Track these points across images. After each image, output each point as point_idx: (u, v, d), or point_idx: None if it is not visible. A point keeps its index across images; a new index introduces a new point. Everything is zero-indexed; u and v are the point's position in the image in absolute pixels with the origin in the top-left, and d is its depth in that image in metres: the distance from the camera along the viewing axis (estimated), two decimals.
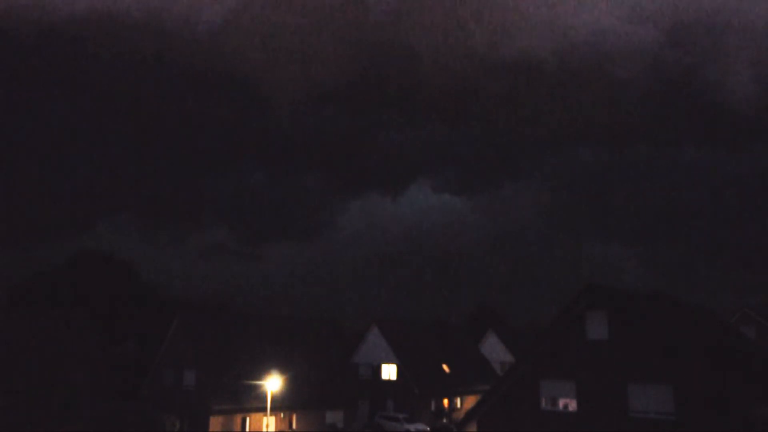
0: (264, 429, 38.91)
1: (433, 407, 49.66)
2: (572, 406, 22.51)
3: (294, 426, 41.45)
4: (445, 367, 53.02)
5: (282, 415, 40.64)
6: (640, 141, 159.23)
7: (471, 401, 49.50)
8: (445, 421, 48.70)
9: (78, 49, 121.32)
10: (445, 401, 51.04)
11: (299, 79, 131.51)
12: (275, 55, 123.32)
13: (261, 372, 38.77)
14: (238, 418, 38.50)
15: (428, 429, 44.93)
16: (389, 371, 51.07)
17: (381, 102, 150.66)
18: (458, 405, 51.73)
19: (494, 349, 66.28)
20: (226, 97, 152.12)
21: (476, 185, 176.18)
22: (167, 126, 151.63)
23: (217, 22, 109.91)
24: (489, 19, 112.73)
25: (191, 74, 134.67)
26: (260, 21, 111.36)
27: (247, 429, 38.90)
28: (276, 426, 40.13)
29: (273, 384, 36.34)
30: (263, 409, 37.47)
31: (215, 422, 37.27)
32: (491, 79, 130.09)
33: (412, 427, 44.23)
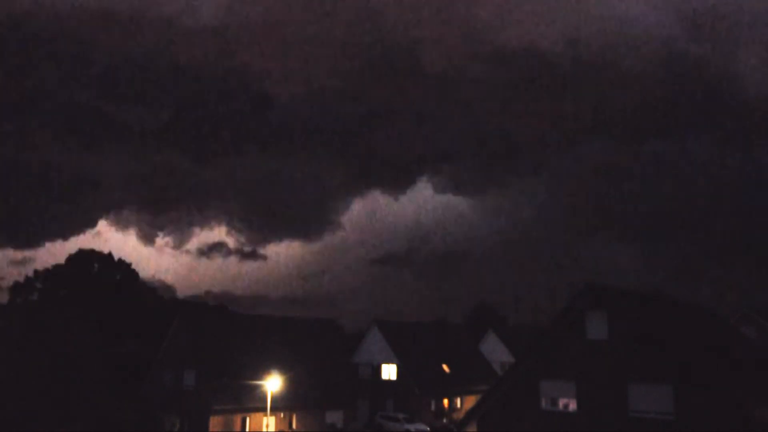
0: (264, 429, 38.91)
1: (433, 407, 49.65)
2: (572, 406, 22.50)
3: (294, 426, 41.45)
4: (445, 367, 53.02)
5: (282, 415, 40.64)
6: (648, 137, 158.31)
7: (471, 401, 49.42)
8: (445, 421, 48.70)
9: (77, 41, 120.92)
10: (445, 401, 51.03)
11: (301, 73, 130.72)
12: (277, 47, 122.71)
13: (261, 372, 38.76)
14: (238, 418, 38.50)
15: (428, 429, 44.92)
16: (389, 371, 51.05)
17: (384, 97, 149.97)
18: (458, 405, 51.71)
19: (494, 349, 66.20)
20: (227, 91, 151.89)
21: (479, 185, 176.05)
22: (167, 123, 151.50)
23: (219, 12, 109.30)
24: (495, 5, 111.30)
25: (192, 67, 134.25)
26: (262, 11, 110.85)
27: (247, 429, 38.90)
28: (276, 426, 40.12)
29: (273, 384, 36.34)
30: (263, 409, 37.45)
31: (215, 422, 37.28)
32: (497, 69, 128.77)
33: (412, 427, 44.23)
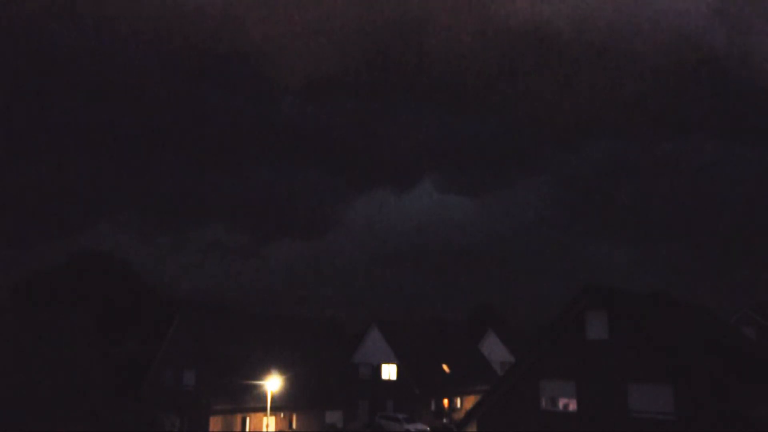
0: (264, 429, 38.91)
1: (433, 407, 49.65)
2: (572, 406, 22.50)
3: (294, 426, 41.45)
4: (445, 367, 53.01)
5: (282, 415, 40.65)
6: (653, 135, 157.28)
7: (471, 401, 49.49)
8: (445, 421, 48.70)
9: (76, 36, 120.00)
10: (445, 401, 51.03)
11: (304, 61, 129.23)
12: (280, 34, 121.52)
13: (261, 372, 38.77)
14: (238, 418, 38.50)
15: (428, 429, 44.93)
16: (389, 371, 51.06)
17: (388, 90, 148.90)
18: (458, 405, 51.73)
19: (494, 349, 66.28)
20: (228, 87, 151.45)
21: (481, 185, 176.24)
22: (167, 122, 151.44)
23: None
24: None
25: (192, 59, 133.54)
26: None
27: (247, 429, 38.90)
28: (276, 426, 40.13)
29: (273, 384, 36.35)
30: (263, 409, 37.47)
31: (215, 422, 37.27)
32: (502, 55, 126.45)
33: (412, 427, 44.23)
